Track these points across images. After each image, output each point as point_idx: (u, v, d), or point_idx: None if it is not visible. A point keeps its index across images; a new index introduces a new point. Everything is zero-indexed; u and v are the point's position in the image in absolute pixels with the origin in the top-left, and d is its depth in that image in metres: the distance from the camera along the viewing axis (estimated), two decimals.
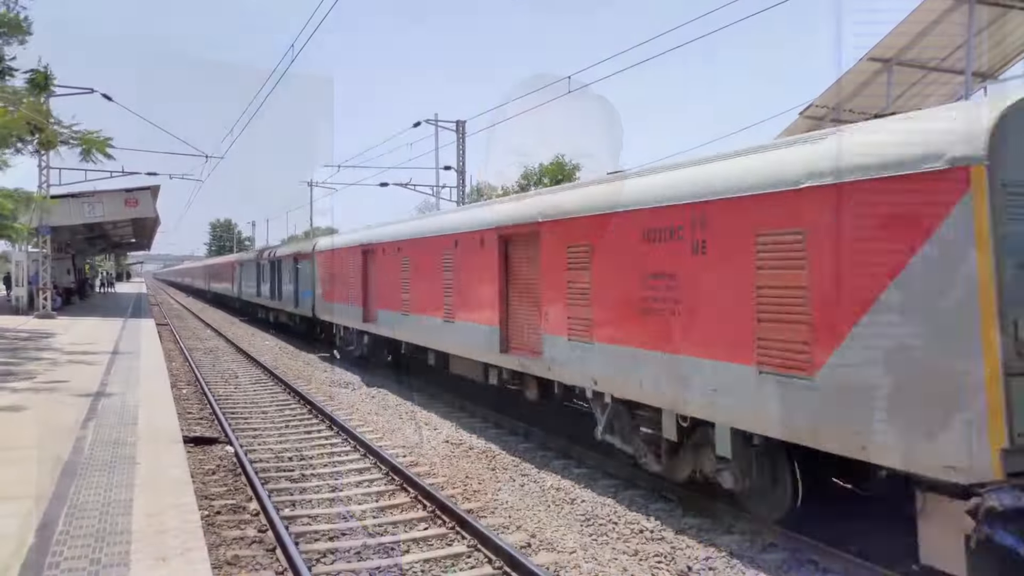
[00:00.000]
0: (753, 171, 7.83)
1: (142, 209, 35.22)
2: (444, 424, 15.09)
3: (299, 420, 15.49)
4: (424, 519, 9.32)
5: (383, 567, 7.78)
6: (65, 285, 46.44)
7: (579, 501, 10.05)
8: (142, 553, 6.20)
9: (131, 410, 12.30)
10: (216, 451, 12.70)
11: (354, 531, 8.90)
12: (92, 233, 47.48)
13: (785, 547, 8.24)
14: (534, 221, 11.91)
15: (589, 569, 7.76)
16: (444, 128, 36.63)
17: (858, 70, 21.04)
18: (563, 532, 8.90)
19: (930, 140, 6.14)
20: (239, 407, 16.83)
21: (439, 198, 38.22)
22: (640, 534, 8.84)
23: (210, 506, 9.64)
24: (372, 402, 17.65)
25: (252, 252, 47.78)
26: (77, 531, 6.74)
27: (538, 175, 54.76)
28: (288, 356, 26.75)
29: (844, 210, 6.68)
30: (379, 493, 10.45)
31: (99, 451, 9.61)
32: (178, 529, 6.78)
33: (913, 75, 21.99)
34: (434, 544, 8.53)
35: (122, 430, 10.81)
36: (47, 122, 23.18)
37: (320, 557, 8.09)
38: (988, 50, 21.78)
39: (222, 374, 22.00)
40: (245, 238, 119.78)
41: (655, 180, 9.52)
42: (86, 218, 34.64)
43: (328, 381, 20.83)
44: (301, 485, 10.85)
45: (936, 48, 20.67)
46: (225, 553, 8.08)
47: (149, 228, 50.55)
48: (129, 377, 16.00)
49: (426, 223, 18.04)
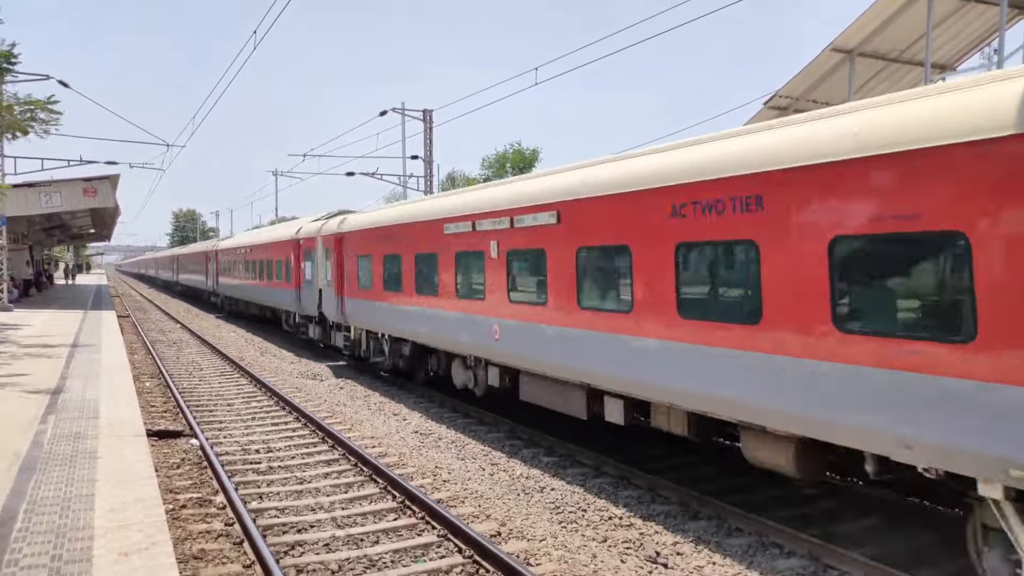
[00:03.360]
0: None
1: (101, 199, 34.42)
2: (413, 415, 15.04)
3: (266, 412, 15.32)
4: (393, 510, 9.28)
5: (352, 558, 7.74)
6: (24, 277, 45.37)
7: (548, 489, 10.10)
8: (105, 548, 6.09)
9: (92, 404, 12.06)
10: (181, 444, 12.51)
11: (322, 523, 8.83)
12: (50, 224, 46.38)
13: (751, 531, 8.37)
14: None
15: (559, 556, 7.80)
16: (411, 117, 36.38)
17: (821, 61, 21.32)
18: (533, 520, 8.94)
19: None
20: (204, 400, 16.60)
21: (407, 188, 37.97)
22: (609, 521, 8.91)
23: (175, 500, 9.50)
24: (340, 393, 17.52)
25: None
26: (37, 527, 6.59)
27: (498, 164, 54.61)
28: (257, 351, 26.42)
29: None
30: (348, 484, 10.39)
31: (59, 446, 9.40)
32: (142, 523, 6.67)
33: (874, 66, 22.34)
34: (404, 534, 8.50)
35: (83, 424, 10.59)
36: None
37: (288, 549, 8.02)
38: (947, 42, 22.22)
39: (186, 367, 21.68)
40: (209, 228, 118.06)
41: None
42: (43, 208, 33.78)
43: (297, 373, 20.63)
44: (268, 478, 10.74)
45: (897, 39, 21.02)
46: (191, 547, 7.97)
47: (109, 218, 49.51)
48: (90, 371, 15.68)
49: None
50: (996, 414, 5.60)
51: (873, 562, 7.17)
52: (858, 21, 19.75)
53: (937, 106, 6.24)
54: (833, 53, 21.03)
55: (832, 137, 6.93)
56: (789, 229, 7.23)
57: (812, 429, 7.13)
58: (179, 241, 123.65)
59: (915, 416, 6.14)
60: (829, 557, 7.52)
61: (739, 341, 7.80)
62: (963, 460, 5.89)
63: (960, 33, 22.14)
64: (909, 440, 6.21)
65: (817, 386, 6.94)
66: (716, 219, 8.07)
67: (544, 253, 11.07)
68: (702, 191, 8.24)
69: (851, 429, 6.73)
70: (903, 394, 6.23)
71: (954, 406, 5.86)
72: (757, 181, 7.57)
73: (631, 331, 9.38)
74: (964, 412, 5.81)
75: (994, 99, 5.81)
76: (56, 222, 46.13)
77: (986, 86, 6.02)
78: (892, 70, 22.92)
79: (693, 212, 8.38)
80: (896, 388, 6.27)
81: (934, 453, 6.09)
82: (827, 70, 21.76)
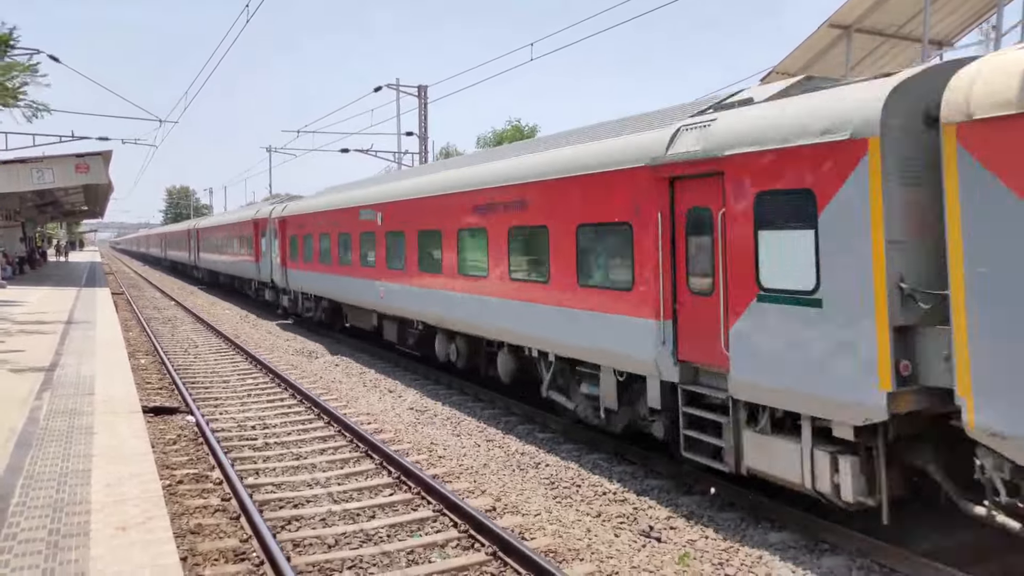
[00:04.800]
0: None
1: (93, 175, 34.07)
2: (409, 392, 15.09)
3: (261, 389, 15.35)
4: (389, 485, 9.34)
5: (348, 533, 7.80)
6: (18, 254, 45.14)
7: (543, 465, 10.17)
8: (102, 523, 6.12)
9: (87, 380, 12.06)
10: (177, 421, 12.55)
11: (319, 498, 8.89)
12: (42, 200, 46.03)
13: (742, 506, 8.45)
14: None
15: (553, 531, 7.87)
16: (406, 93, 36.09)
17: (818, 36, 21.17)
18: (528, 495, 9.01)
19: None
20: (200, 377, 16.62)
21: (401, 164, 37.75)
22: (603, 496, 8.98)
23: (172, 476, 9.55)
24: (336, 370, 17.55)
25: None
26: (34, 502, 6.62)
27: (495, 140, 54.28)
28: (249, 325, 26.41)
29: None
30: (344, 460, 10.44)
31: (55, 422, 9.42)
32: (139, 498, 6.70)
33: (872, 41, 22.19)
34: (400, 510, 8.57)
35: (79, 401, 10.60)
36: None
37: (285, 524, 8.08)
38: (944, 18, 22.06)
39: (181, 343, 21.68)
40: (203, 205, 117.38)
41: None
42: (35, 184, 33.44)
43: (292, 350, 20.65)
44: (264, 453, 10.79)
45: (894, 15, 20.86)
46: (188, 522, 8.03)
47: (102, 195, 49.09)
48: (85, 347, 15.67)
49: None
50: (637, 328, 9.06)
51: (863, 535, 7.26)
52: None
53: (615, 143, 9.78)
54: (830, 29, 20.88)
55: (569, 158, 10.66)
56: (561, 219, 10.55)
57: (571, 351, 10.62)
58: (172, 218, 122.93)
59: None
60: (819, 530, 7.61)
61: (541, 296, 11.11)
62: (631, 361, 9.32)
63: (959, 8, 21.98)
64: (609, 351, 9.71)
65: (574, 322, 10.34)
66: (520, 212, 11.58)
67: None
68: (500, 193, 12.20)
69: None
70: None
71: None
72: (536, 185, 11.29)
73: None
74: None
75: (638, 141, 9.27)
76: (48, 199, 45.79)
77: (646, 132, 9.38)
78: (890, 46, 22.78)
79: (497, 206, 12.27)
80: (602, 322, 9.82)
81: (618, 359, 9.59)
82: (824, 46, 21.62)
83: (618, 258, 9.52)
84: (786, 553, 7.33)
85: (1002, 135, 5.58)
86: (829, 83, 7.97)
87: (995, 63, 5.82)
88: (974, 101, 5.72)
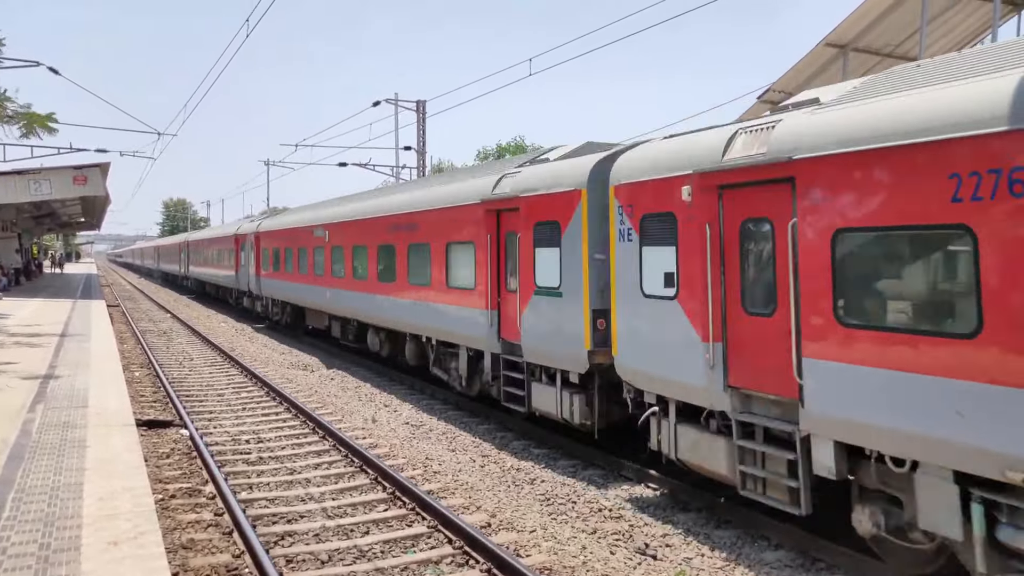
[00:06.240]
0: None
1: (91, 187, 34.02)
2: (404, 406, 15.03)
3: (256, 402, 15.28)
4: (384, 501, 9.28)
5: (342, 549, 7.74)
6: (13, 266, 45.01)
7: (539, 481, 10.12)
8: (93, 537, 6.06)
9: (81, 393, 11.99)
10: (171, 434, 12.48)
11: (313, 513, 8.83)
12: (39, 212, 45.94)
13: (739, 523, 8.41)
14: None
15: (549, 548, 7.82)
16: (404, 108, 36.22)
17: (815, 55, 21.31)
18: (523, 512, 8.95)
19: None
20: (194, 390, 16.54)
21: (399, 178, 37.81)
22: (599, 512, 8.93)
23: (164, 490, 9.49)
24: (331, 384, 17.49)
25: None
26: (25, 516, 6.56)
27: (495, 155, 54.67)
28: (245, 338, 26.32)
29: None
30: (338, 475, 10.38)
31: (48, 434, 9.35)
32: (131, 513, 6.64)
33: (868, 60, 22.33)
34: (394, 525, 8.51)
35: (72, 413, 10.53)
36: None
37: (278, 539, 8.02)
38: (940, 37, 22.23)
39: (176, 356, 21.60)
40: (200, 219, 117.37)
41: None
42: (32, 196, 33.35)
43: (288, 363, 20.58)
44: (258, 468, 10.72)
45: (890, 35, 21.01)
46: (180, 537, 7.96)
47: (99, 207, 49.03)
48: (79, 359, 15.59)
49: None
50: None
51: (859, 554, 7.22)
52: (852, 15, 19.73)
53: (464, 185, 13.76)
54: (827, 48, 21.01)
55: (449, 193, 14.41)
56: (437, 237, 14.38)
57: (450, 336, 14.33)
58: (168, 231, 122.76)
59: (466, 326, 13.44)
60: (816, 549, 7.58)
61: (427, 296, 14.77)
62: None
63: (955, 29, 22.16)
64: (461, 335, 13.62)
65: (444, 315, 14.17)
66: (414, 232, 15.45)
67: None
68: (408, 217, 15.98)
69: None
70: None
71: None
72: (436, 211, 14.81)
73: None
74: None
75: (476, 184, 13.25)
76: (46, 210, 45.72)
77: (482, 177, 13.41)
78: (886, 65, 22.92)
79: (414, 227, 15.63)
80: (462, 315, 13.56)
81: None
82: (820, 65, 21.75)
83: (468, 267, 13.14)
84: (782, 572, 7.29)
85: (628, 193, 9.17)
86: (603, 148, 11.21)
87: (628, 155, 9.48)
88: (618, 174, 9.40)
